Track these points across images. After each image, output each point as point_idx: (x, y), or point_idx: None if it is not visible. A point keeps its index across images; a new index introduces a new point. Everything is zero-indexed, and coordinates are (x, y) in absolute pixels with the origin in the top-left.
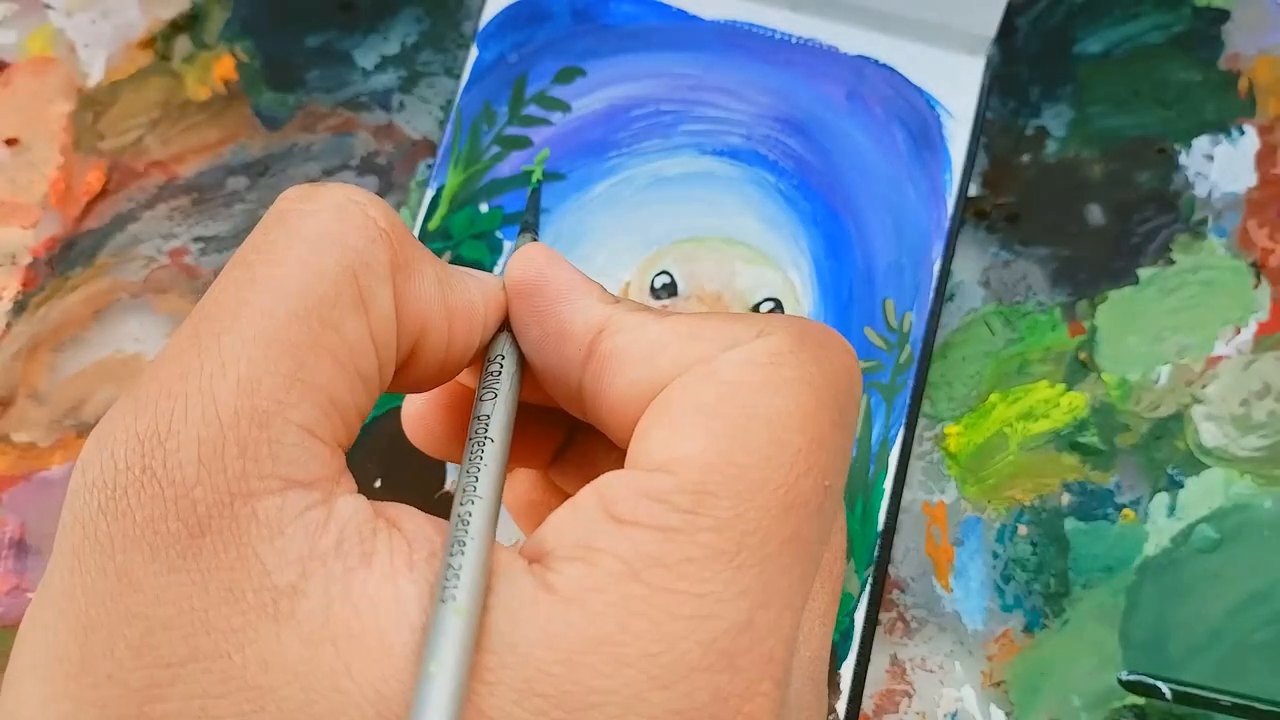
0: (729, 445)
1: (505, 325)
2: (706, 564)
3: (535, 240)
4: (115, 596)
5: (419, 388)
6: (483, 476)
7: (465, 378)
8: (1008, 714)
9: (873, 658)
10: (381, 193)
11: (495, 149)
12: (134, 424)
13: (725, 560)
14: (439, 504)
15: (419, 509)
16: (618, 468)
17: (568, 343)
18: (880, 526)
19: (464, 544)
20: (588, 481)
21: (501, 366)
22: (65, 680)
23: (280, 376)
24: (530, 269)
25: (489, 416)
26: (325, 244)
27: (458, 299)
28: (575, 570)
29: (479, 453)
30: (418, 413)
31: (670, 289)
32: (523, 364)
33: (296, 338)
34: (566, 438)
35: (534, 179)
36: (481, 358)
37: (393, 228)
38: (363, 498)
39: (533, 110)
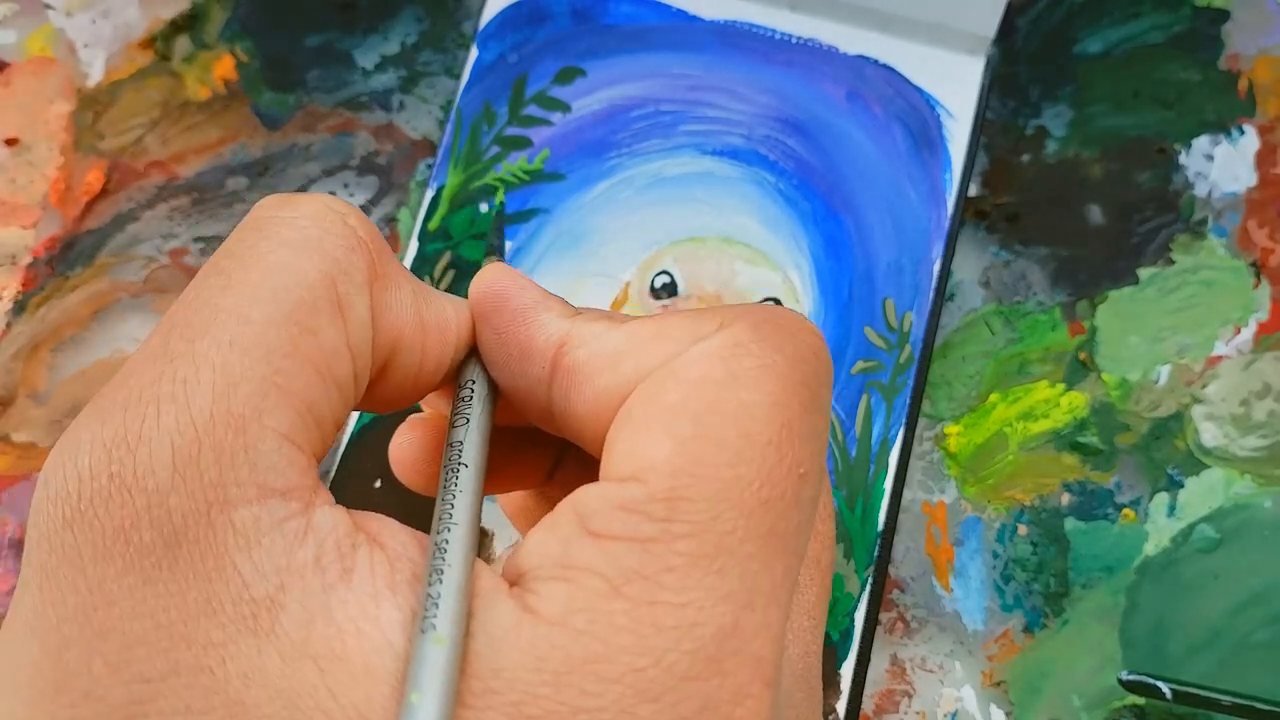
0: (697, 446)
1: (475, 350)
2: (687, 572)
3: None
4: (88, 612)
5: (390, 406)
6: (459, 502)
7: (443, 406)
8: (1008, 714)
9: (873, 658)
10: (381, 193)
11: (495, 149)
12: (100, 432)
13: (705, 565)
14: None
15: (419, 510)
16: None
17: (531, 361)
18: (880, 526)
19: (442, 572)
20: None
21: (473, 391)
22: (41, 700)
23: (257, 381)
24: (490, 290)
25: (462, 442)
26: (304, 250)
27: (432, 314)
28: (556, 590)
29: (454, 479)
30: (405, 453)
31: (670, 289)
32: (494, 387)
33: (274, 343)
34: (558, 457)
35: (496, 201)
36: (454, 382)
37: (371, 238)
38: (342, 509)
39: (533, 110)
